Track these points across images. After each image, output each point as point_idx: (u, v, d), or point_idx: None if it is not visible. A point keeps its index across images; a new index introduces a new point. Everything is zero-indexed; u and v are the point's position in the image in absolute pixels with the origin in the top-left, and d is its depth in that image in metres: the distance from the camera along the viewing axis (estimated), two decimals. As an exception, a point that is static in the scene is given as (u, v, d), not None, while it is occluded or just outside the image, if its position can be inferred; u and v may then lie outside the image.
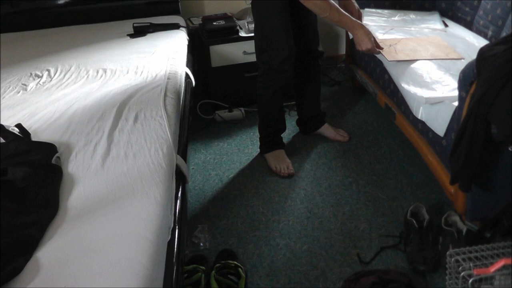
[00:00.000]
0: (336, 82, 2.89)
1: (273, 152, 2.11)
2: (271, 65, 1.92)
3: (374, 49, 1.82)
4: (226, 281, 1.45)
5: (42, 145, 1.28)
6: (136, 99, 1.62)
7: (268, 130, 2.11)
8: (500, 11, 1.92)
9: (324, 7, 1.74)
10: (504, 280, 1.16)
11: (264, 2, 1.84)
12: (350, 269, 1.54)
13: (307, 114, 2.29)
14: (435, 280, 1.48)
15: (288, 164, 2.06)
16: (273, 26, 1.86)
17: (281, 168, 2.04)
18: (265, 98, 2.02)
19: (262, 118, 2.11)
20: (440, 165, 1.66)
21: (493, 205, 1.42)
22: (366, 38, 1.79)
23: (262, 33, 1.89)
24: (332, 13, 1.75)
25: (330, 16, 1.76)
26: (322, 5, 1.74)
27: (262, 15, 1.87)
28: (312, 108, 2.27)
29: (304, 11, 1.85)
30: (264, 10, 1.86)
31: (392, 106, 2.04)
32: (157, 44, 2.24)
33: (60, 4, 2.66)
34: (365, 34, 1.79)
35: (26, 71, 2.00)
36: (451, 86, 1.59)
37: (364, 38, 1.79)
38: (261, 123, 2.12)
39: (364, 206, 1.83)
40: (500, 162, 1.39)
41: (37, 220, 1.00)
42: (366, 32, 1.79)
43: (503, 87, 1.19)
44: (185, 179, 1.42)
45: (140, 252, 0.93)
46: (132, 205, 1.08)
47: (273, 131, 2.12)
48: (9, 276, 0.88)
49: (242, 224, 1.78)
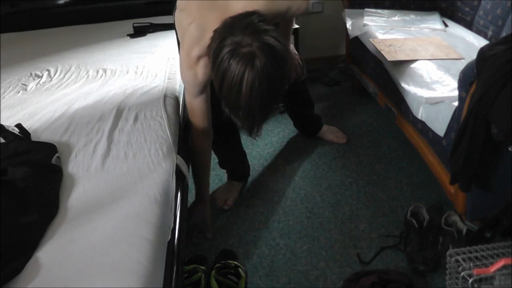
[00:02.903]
0: (336, 82, 2.89)
1: (229, 182, 1.98)
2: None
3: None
4: (226, 281, 1.45)
5: (42, 145, 1.28)
6: (136, 99, 1.62)
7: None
8: (500, 11, 1.92)
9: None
10: (504, 280, 1.15)
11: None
12: (350, 269, 1.54)
13: (300, 123, 2.31)
14: (435, 280, 1.48)
15: (228, 199, 1.89)
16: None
17: (219, 201, 1.90)
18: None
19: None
20: (440, 165, 1.66)
21: (493, 205, 1.42)
22: (199, 219, 1.69)
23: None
24: (199, 166, 1.64)
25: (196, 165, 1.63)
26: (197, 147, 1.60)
27: None
28: (304, 117, 2.26)
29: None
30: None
31: (392, 106, 2.04)
32: (157, 44, 2.24)
33: (60, 4, 2.66)
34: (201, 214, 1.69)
35: (26, 71, 2.00)
36: (451, 86, 1.59)
37: (197, 217, 1.69)
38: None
39: (364, 206, 1.83)
40: (500, 162, 1.39)
41: (37, 220, 1.00)
42: (202, 213, 1.70)
43: (503, 87, 1.19)
44: (185, 179, 1.42)
45: (140, 252, 0.93)
46: (132, 205, 1.08)
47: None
48: (9, 276, 0.88)
49: (242, 224, 1.78)
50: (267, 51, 1.13)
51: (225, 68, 1.14)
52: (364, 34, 2.23)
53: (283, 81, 1.20)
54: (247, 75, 1.11)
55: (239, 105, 1.16)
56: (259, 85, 1.12)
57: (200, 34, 1.31)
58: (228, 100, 1.18)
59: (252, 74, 1.11)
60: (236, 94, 1.14)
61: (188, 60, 1.37)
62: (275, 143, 2.31)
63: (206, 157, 1.65)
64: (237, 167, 1.99)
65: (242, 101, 1.15)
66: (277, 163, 2.15)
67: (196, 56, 1.35)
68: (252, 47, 1.12)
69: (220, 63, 1.15)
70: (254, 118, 1.20)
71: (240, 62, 1.12)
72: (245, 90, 1.12)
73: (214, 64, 1.18)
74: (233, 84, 1.13)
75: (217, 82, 1.19)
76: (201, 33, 1.31)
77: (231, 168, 1.98)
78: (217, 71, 1.17)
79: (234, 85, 1.13)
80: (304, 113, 2.24)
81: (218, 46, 1.17)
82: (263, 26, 1.17)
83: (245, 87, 1.12)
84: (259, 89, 1.13)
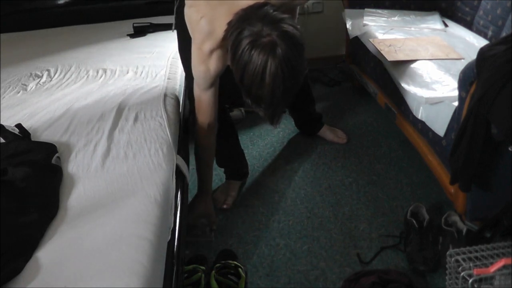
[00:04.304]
0: (336, 82, 2.89)
1: (228, 181, 1.97)
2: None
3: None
4: (226, 281, 1.45)
5: (42, 145, 1.28)
6: (136, 99, 1.62)
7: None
8: (500, 11, 1.92)
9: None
10: (504, 280, 1.15)
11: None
12: (350, 269, 1.54)
13: (302, 120, 2.31)
14: (435, 280, 1.48)
15: (227, 199, 1.90)
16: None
17: (218, 200, 1.89)
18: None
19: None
20: (440, 165, 1.65)
21: (493, 205, 1.42)
22: (204, 209, 1.70)
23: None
24: (204, 158, 1.65)
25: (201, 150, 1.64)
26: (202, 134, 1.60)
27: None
28: (306, 115, 2.27)
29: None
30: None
31: (392, 106, 2.04)
32: (157, 44, 2.24)
33: (60, 4, 2.66)
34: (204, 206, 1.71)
35: (26, 71, 2.00)
36: (451, 86, 1.59)
37: (202, 208, 1.70)
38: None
39: (364, 206, 1.83)
40: (500, 162, 1.39)
41: (37, 220, 1.00)
42: (206, 204, 1.71)
43: (503, 87, 1.19)
44: (185, 179, 1.42)
45: (140, 252, 0.93)
46: (132, 205, 1.08)
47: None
48: (9, 276, 0.88)
49: (242, 224, 1.78)
50: (287, 39, 1.14)
51: (247, 60, 1.15)
52: (364, 34, 2.22)
53: (303, 67, 1.22)
54: (270, 64, 1.13)
55: (262, 95, 1.17)
56: (282, 73, 1.13)
57: (211, 28, 1.33)
58: (250, 91, 1.19)
59: (275, 63, 1.13)
60: (259, 84, 1.15)
61: (201, 54, 1.39)
62: (275, 143, 2.31)
63: (211, 151, 1.66)
64: (236, 165, 1.99)
65: (265, 91, 1.16)
66: (277, 163, 2.15)
67: (208, 49, 1.37)
68: (272, 36, 1.13)
69: (241, 55, 1.16)
70: (277, 107, 1.22)
71: (262, 52, 1.13)
72: (268, 79, 1.14)
73: (234, 57, 1.19)
74: (255, 74, 1.14)
75: (238, 74, 1.20)
76: (212, 27, 1.33)
77: (230, 167, 1.98)
78: (238, 63, 1.18)
79: (256, 75, 1.14)
80: (306, 111, 2.24)
81: (236, 38, 1.18)
82: (279, 15, 1.18)
83: (268, 76, 1.13)
84: (282, 77, 1.14)
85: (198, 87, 1.51)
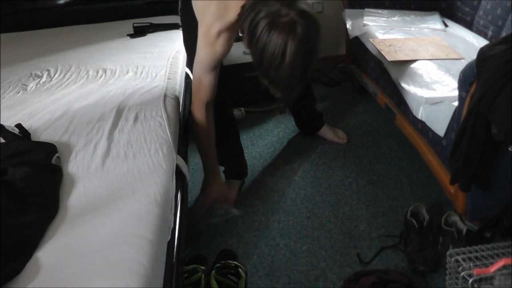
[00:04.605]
0: (336, 82, 2.89)
1: (227, 181, 1.95)
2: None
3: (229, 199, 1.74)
4: (226, 281, 1.45)
5: (42, 145, 1.28)
6: (136, 99, 1.62)
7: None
8: (500, 11, 1.92)
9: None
10: (504, 280, 1.16)
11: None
12: (350, 269, 1.54)
13: (303, 119, 2.30)
14: (435, 280, 1.48)
15: (228, 199, 1.87)
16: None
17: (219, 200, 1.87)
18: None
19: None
20: (440, 165, 1.66)
21: (493, 205, 1.42)
22: (218, 190, 1.71)
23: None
24: (203, 138, 1.63)
25: (200, 138, 1.63)
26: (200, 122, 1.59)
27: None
28: (307, 113, 2.27)
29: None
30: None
31: (392, 106, 2.04)
32: (157, 44, 2.24)
33: (60, 4, 2.66)
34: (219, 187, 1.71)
35: (26, 71, 2.00)
36: (451, 86, 1.59)
37: (216, 190, 1.71)
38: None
39: (364, 206, 1.83)
40: (500, 162, 1.39)
41: (37, 220, 1.00)
42: (219, 186, 1.71)
43: (503, 87, 1.19)
44: (185, 179, 1.42)
45: (140, 252, 0.93)
46: (132, 205, 1.07)
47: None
48: (9, 276, 0.88)
49: (242, 224, 1.78)
50: (306, 18, 1.15)
51: (266, 41, 1.15)
52: (364, 34, 2.23)
53: (320, 45, 1.23)
54: (290, 44, 1.13)
55: (282, 75, 1.17)
56: (302, 52, 1.14)
57: (222, 11, 1.34)
58: (269, 72, 1.19)
59: (295, 42, 1.13)
60: (279, 65, 1.15)
61: (208, 37, 1.40)
62: (275, 143, 2.31)
63: (209, 130, 1.64)
64: (236, 165, 1.99)
65: (284, 71, 1.16)
66: (277, 163, 2.15)
67: (217, 31, 1.37)
68: (291, 15, 1.14)
69: (260, 37, 1.16)
70: (295, 86, 1.22)
71: (282, 33, 1.13)
72: (288, 59, 1.14)
73: (252, 39, 1.18)
74: (275, 55, 1.14)
75: (256, 56, 1.20)
76: (223, 11, 1.33)
77: (230, 166, 1.98)
78: (256, 45, 1.17)
79: (276, 56, 1.14)
80: (307, 109, 2.24)
81: (253, 20, 1.18)
82: None
83: (288, 56, 1.14)
84: (302, 56, 1.15)
85: (201, 69, 1.50)
